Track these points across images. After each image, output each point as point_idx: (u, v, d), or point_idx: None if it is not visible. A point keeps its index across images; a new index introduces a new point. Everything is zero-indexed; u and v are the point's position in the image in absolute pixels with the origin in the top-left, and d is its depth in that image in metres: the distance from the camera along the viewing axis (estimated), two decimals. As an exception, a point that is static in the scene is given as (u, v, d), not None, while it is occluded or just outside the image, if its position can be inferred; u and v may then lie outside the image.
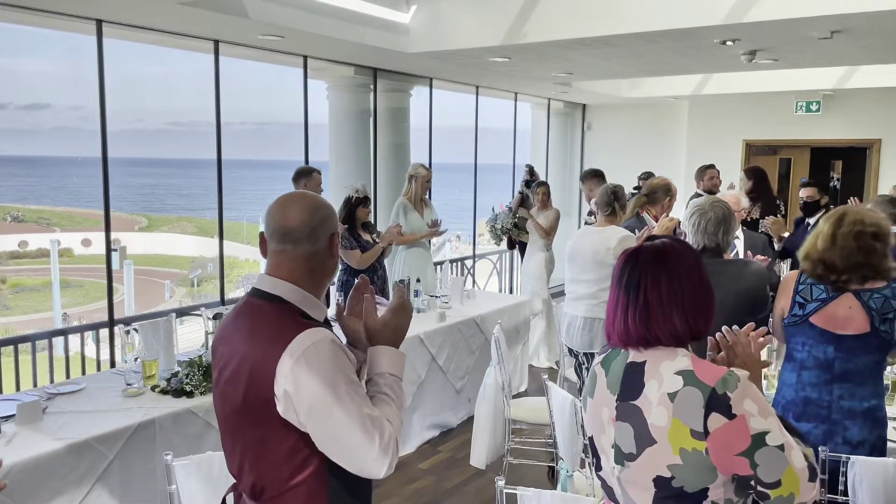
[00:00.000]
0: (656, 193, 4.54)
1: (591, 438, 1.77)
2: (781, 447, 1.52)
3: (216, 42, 5.87)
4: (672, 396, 1.55)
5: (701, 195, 5.03)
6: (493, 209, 7.33)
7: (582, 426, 3.04)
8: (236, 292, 6.19)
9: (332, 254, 1.71)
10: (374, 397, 1.62)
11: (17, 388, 4.70)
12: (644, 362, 1.64)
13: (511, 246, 7.79)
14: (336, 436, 1.53)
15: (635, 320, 1.63)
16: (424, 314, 5.06)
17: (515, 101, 9.89)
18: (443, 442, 4.82)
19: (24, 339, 5.20)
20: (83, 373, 4.99)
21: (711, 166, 6.34)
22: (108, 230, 5.46)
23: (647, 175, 7.30)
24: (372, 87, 7.50)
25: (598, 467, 1.76)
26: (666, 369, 1.59)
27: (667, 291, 1.62)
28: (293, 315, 1.62)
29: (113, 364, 5.26)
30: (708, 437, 1.52)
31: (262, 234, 1.72)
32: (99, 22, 5.08)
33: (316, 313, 1.67)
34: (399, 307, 1.75)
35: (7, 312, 29.01)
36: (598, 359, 1.80)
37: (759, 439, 1.51)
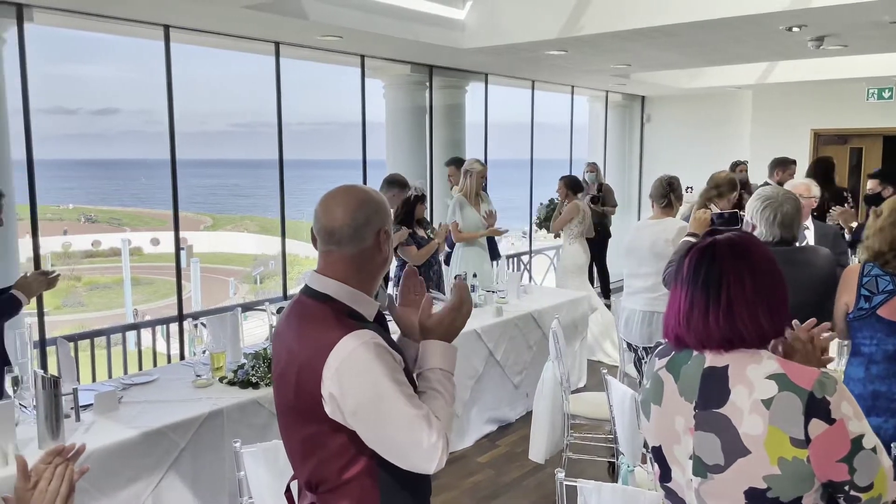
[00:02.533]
0: (722, 187, 4.41)
1: (656, 448, 1.66)
2: (874, 449, 1.45)
3: (277, 44, 6.02)
4: (767, 403, 1.46)
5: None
6: (541, 203, 7.35)
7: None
8: (297, 289, 6.29)
9: (380, 250, 1.67)
10: (424, 393, 1.61)
11: (94, 380, 4.93)
12: (726, 367, 1.53)
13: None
14: (384, 436, 1.54)
15: (718, 321, 1.52)
16: (481, 309, 5.08)
17: (572, 94, 9.79)
18: (501, 436, 4.82)
19: (99, 333, 5.46)
20: (154, 365, 5.20)
21: (793, 162, 6.11)
22: (177, 229, 5.67)
23: (736, 164, 7.17)
24: (428, 84, 7.55)
25: (666, 478, 1.65)
26: (754, 374, 1.49)
27: (751, 288, 1.52)
28: (341, 314, 1.61)
29: (182, 357, 5.47)
30: (809, 445, 1.43)
31: (312, 231, 1.70)
32: (166, 27, 5.27)
33: (366, 310, 1.66)
34: (458, 306, 1.70)
35: (82, 309, 30.29)
36: (659, 363, 1.67)
37: (857, 443, 1.43)
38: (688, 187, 6.51)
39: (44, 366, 4.60)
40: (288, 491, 1.85)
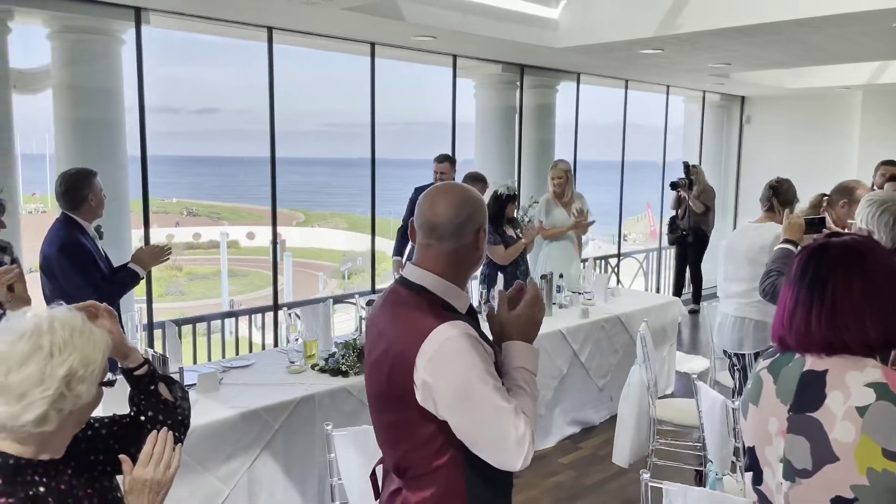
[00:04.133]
0: (833, 196, 4.18)
1: (750, 449, 1.63)
2: None
3: (372, 45, 6.17)
4: (861, 411, 1.41)
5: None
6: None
7: (734, 429, 2.92)
8: (383, 285, 6.49)
9: (477, 247, 1.72)
10: (511, 390, 1.62)
11: (194, 362, 5.22)
12: (825, 371, 1.48)
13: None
14: (473, 427, 1.56)
15: (819, 323, 1.48)
16: (567, 310, 5.05)
17: (667, 94, 9.56)
18: (584, 439, 4.78)
19: (200, 318, 5.79)
20: (248, 352, 5.46)
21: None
22: (274, 224, 5.93)
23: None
24: (518, 83, 7.55)
25: (758, 481, 1.61)
26: (853, 380, 1.44)
27: (860, 293, 1.46)
28: (435, 306, 1.66)
29: (276, 344, 5.71)
30: None
31: (411, 223, 1.75)
32: (270, 29, 5.51)
33: (459, 303, 1.71)
34: (533, 300, 1.73)
35: (182, 297, 31.94)
36: (763, 363, 1.65)
37: None
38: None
39: (151, 347, 4.91)
40: (373, 474, 1.91)
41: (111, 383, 1.53)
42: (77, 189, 3.45)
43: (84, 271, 3.41)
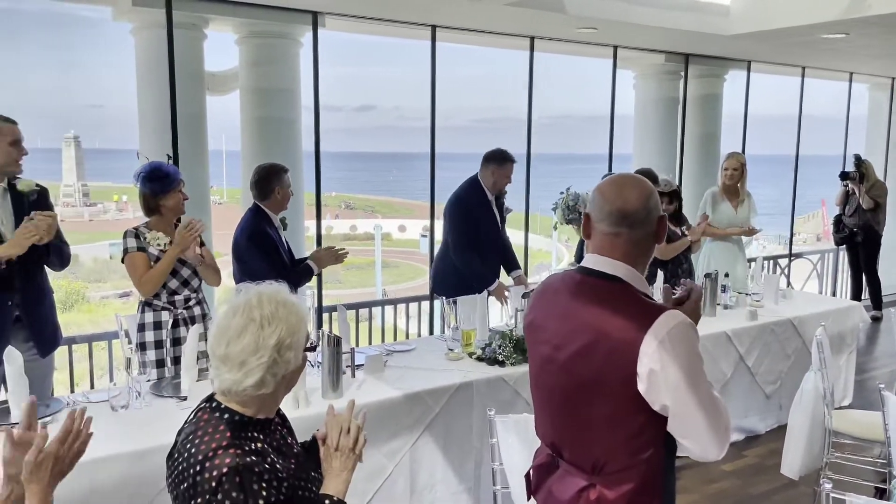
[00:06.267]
0: None
1: None
2: None
3: (532, 39, 6.19)
4: None
5: None
6: (567, 189, 5.59)
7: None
8: (532, 278, 6.49)
9: (659, 236, 1.71)
10: None
11: (357, 345, 5.53)
12: None
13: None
14: (688, 415, 1.57)
15: None
16: (733, 311, 4.80)
17: (850, 82, 8.77)
18: (748, 447, 4.54)
19: (363, 304, 6.12)
20: (406, 338, 5.69)
21: None
22: (432, 217, 6.14)
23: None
24: (682, 73, 7.26)
25: None
26: None
27: None
28: (639, 295, 1.65)
29: (431, 332, 5.90)
30: None
31: (587, 215, 1.73)
32: (433, 27, 5.69)
33: (649, 294, 1.69)
34: (699, 295, 1.76)
35: (340, 286, 33.75)
36: None
37: None
38: None
39: (320, 328, 5.26)
40: (528, 475, 1.92)
41: (314, 348, 1.69)
42: (267, 181, 3.78)
43: (268, 258, 3.73)
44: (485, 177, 4.61)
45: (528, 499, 1.91)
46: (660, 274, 4.81)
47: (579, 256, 4.76)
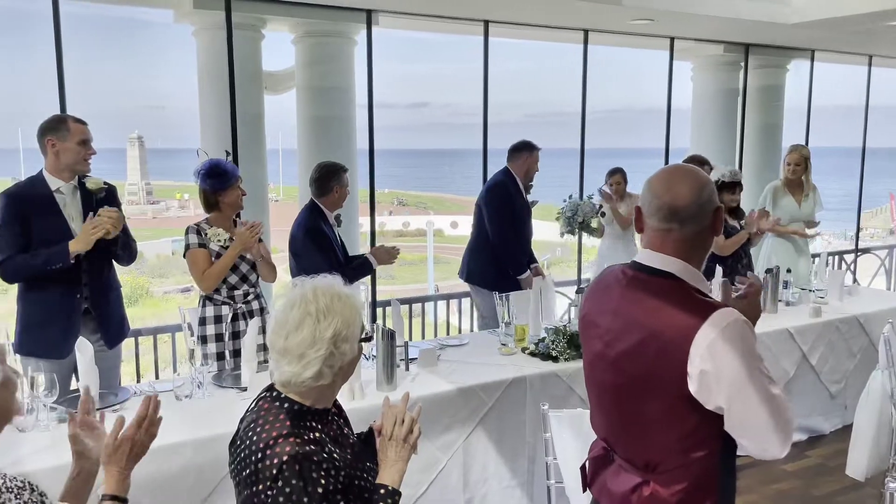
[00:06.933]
0: None
1: None
2: None
3: (586, 31, 6.12)
4: None
5: None
6: (570, 196, 5.75)
7: None
8: (584, 275, 6.44)
9: (715, 229, 1.66)
10: None
11: (409, 339, 5.58)
12: None
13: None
14: (747, 415, 1.52)
15: None
16: (795, 308, 4.67)
17: (921, 70, 8.39)
18: (812, 447, 4.41)
19: (416, 300, 6.16)
20: (460, 333, 5.71)
21: None
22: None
23: None
24: (742, 64, 7.07)
25: None
26: None
27: None
28: (693, 293, 1.61)
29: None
30: None
31: (637, 209, 1.70)
32: (486, 22, 5.68)
33: (705, 289, 1.64)
34: (758, 290, 1.71)
35: (392, 282, 34.05)
36: None
37: None
38: None
39: (374, 321, 5.33)
40: (583, 468, 1.90)
41: (369, 339, 1.72)
42: (327, 179, 3.86)
43: (323, 254, 3.80)
44: (516, 167, 4.71)
45: (584, 491, 1.89)
46: (718, 269, 4.71)
47: None
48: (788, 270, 4.91)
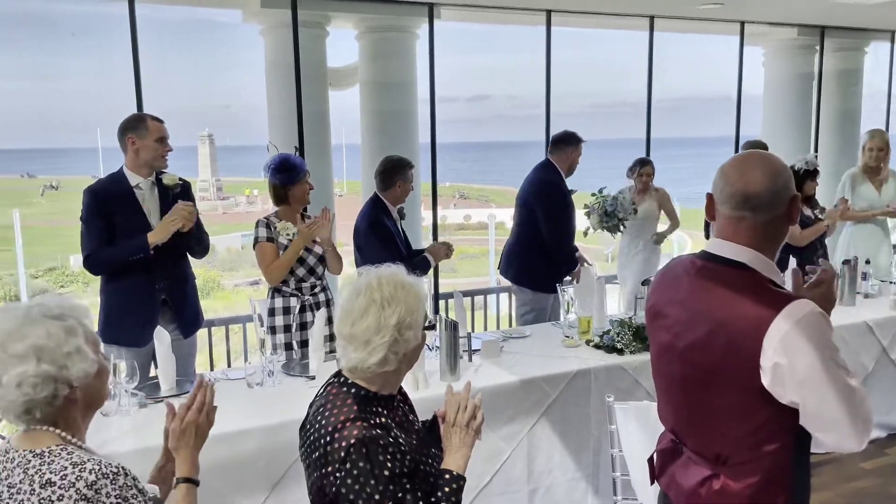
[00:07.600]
0: None
1: None
2: None
3: (651, 18, 5.99)
4: None
5: None
6: (600, 191, 5.39)
7: None
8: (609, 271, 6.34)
9: (790, 218, 1.61)
10: None
11: (472, 330, 5.60)
12: None
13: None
14: (826, 406, 1.48)
15: None
16: (875, 300, 4.48)
17: None
18: (891, 445, 4.23)
19: (478, 292, 6.18)
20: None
21: None
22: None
23: None
24: (818, 48, 6.79)
25: None
26: None
27: None
28: (765, 283, 1.56)
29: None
30: None
31: (709, 196, 1.66)
32: (548, 12, 5.63)
33: (778, 280, 1.60)
34: (832, 278, 1.66)
35: (454, 275, 34.16)
36: None
37: None
38: None
39: (437, 313, 5.38)
40: (651, 459, 1.88)
41: (433, 326, 1.75)
42: (392, 174, 3.92)
43: (386, 247, 3.85)
44: (560, 160, 4.59)
45: (651, 483, 1.87)
46: (792, 260, 4.55)
47: (707, 235, 4.59)
48: (867, 262, 4.71)
